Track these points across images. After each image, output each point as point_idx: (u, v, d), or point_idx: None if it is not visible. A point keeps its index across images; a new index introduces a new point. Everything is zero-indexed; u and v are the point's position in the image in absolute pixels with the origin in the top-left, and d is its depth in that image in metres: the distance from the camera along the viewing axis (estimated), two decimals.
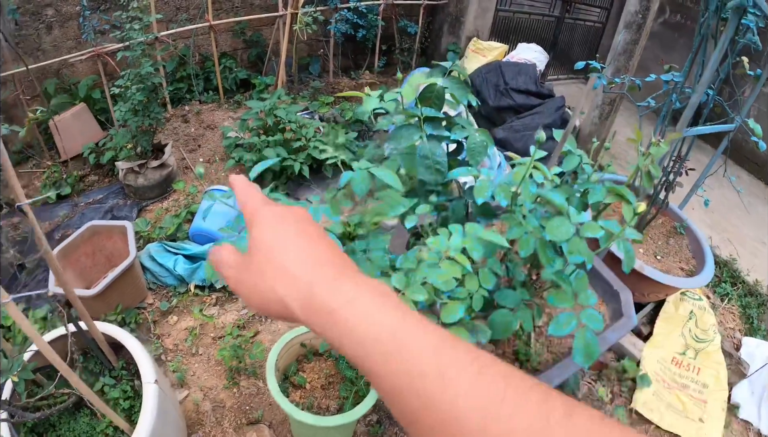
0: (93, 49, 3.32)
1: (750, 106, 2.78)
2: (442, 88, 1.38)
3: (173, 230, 2.95)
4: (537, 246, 1.23)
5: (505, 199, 1.24)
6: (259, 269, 0.43)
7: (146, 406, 1.54)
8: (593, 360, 1.20)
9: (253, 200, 0.48)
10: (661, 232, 3.05)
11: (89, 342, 1.75)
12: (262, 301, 0.43)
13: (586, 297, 1.27)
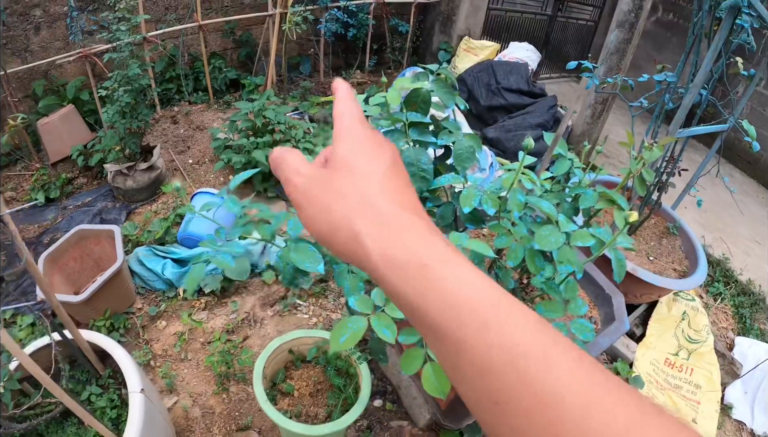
0: (81, 51, 3.28)
1: (743, 106, 2.78)
2: (428, 92, 1.35)
3: (161, 234, 2.92)
4: (526, 255, 1.21)
5: (492, 207, 1.22)
6: (339, 190, 0.38)
7: (132, 416, 1.53)
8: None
9: (351, 113, 0.42)
10: (654, 233, 3.04)
11: (75, 351, 1.72)
12: (330, 228, 0.37)
13: (576, 306, 1.25)
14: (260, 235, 1.17)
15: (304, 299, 2.77)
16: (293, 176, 0.40)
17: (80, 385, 1.76)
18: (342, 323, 0.85)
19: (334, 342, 0.82)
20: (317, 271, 1.13)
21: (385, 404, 2.36)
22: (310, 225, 0.39)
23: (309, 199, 0.39)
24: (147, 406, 1.59)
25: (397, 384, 2.38)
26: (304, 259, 1.09)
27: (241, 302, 2.72)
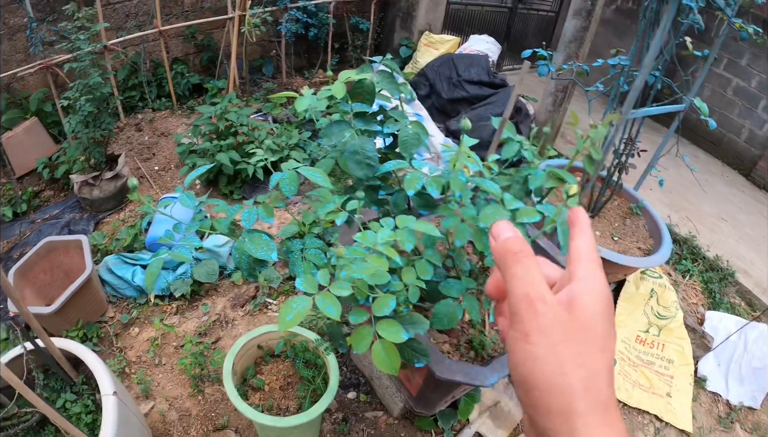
0: (42, 62, 3.26)
1: (699, 86, 2.89)
2: (371, 83, 1.40)
3: (129, 241, 2.93)
4: (473, 235, 1.27)
5: (436, 189, 1.28)
6: (579, 353, 0.36)
7: (106, 418, 1.56)
8: None
9: (591, 254, 0.41)
10: (618, 214, 3.13)
11: (48, 359, 1.74)
12: (549, 382, 0.36)
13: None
14: (218, 229, 1.22)
15: (274, 297, 2.81)
16: (537, 300, 0.38)
17: (55, 393, 1.78)
18: (287, 304, 0.90)
19: (281, 322, 0.88)
20: (271, 259, 1.19)
21: (359, 396, 2.42)
22: (528, 358, 0.37)
23: (545, 336, 0.37)
24: (120, 408, 1.62)
25: (369, 375, 2.44)
26: (258, 248, 1.15)
27: (211, 304, 2.75)
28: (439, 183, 1.27)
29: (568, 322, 0.37)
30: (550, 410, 0.35)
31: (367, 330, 1.05)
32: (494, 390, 2.54)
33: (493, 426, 2.43)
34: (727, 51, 4.98)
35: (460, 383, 1.60)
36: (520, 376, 0.37)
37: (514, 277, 0.40)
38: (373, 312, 1.04)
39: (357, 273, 0.98)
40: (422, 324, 1.19)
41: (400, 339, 1.01)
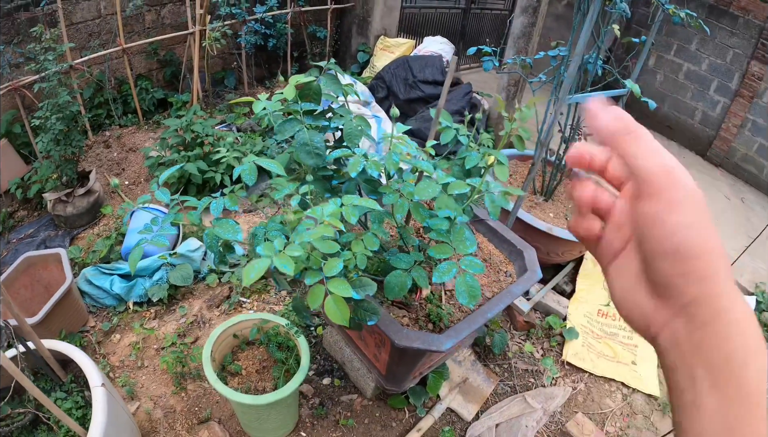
0: (9, 84, 3.34)
1: (639, 71, 3.08)
2: (317, 85, 1.60)
3: (105, 252, 3.05)
4: (411, 208, 1.46)
5: (376, 170, 1.47)
6: (705, 209, 0.37)
7: (96, 408, 1.68)
8: (477, 299, 1.44)
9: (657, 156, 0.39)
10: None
11: (39, 361, 1.86)
12: (699, 245, 0.36)
13: (464, 246, 1.50)
14: (190, 220, 1.38)
15: (247, 296, 2.95)
16: (676, 168, 0.38)
17: (46, 393, 1.89)
18: (250, 264, 1.07)
19: (245, 277, 1.05)
20: (237, 239, 1.36)
21: (333, 381, 2.58)
22: (681, 226, 0.37)
23: (692, 202, 0.37)
24: (109, 399, 1.75)
25: (342, 360, 2.60)
26: (226, 231, 1.33)
27: (188, 306, 2.88)
28: (378, 165, 1.46)
29: (700, 199, 0.38)
30: (704, 276, 0.36)
31: (320, 288, 1.22)
32: (462, 367, 2.72)
33: (464, 401, 2.60)
34: (676, 37, 5.26)
35: (419, 349, 1.77)
36: (673, 246, 0.37)
37: (641, 151, 0.39)
38: (325, 274, 1.22)
39: (307, 237, 1.16)
40: (371, 286, 1.37)
41: (348, 293, 1.19)
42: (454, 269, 1.46)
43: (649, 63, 5.50)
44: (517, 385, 2.73)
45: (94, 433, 1.62)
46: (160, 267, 2.94)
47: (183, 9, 4.39)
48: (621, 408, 2.72)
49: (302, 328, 2.76)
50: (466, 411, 2.56)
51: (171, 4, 4.41)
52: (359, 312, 1.42)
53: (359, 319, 1.41)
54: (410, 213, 1.61)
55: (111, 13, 4.01)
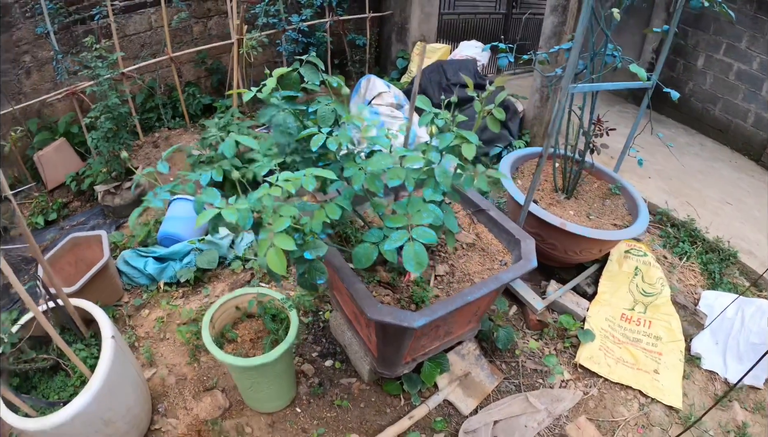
0: (67, 89, 3.75)
1: (663, 62, 3.00)
2: (296, 75, 1.75)
3: (143, 237, 3.33)
4: (367, 179, 1.56)
5: (334, 144, 1.59)
6: None
7: (104, 355, 1.90)
8: (423, 267, 1.51)
9: None
10: (597, 195, 3.24)
11: (66, 318, 2.09)
12: None
13: (419, 217, 1.58)
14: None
15: (266, 281, 3.12)
16: None
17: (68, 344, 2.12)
18: (203, 213, 1.23)
19: (198, 222, 1.21)
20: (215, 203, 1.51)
21: (335, 363, 2.68)
22: None
23: None
24: (117, 351, 1.95)
25: (344, 343, 2.69)
26: (209, 197, 1.53)
27: (212, 288, 3.09)
28: (336, 140, 1.57)
29: None
30: None
31: (266, 241, 1.35)
32: (465, 360, 2.73)
33: (463, 395, 2.60)
34: (724, 36, 5.00)
35: (390, 324, 1.84)
36: None
37: None
38: (272, 230, 1.34)
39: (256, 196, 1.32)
40: (322, 248, 1.48)
41: (290, 247, 1.31)
42: (405, 237, 1.54)
43: (698, 64, 5.25)
44: (522, 385, 2.69)
45: (98, 375, 1.83)
46: (190, 252, 3.17)
47: (227, 21, 4.72)
48: (636, 418, 2.56)
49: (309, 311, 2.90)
50: (464, 405, 2.55)
51: (217, 16, 4.76)
52: (311, 273, 1.53)
53: (311, 278, 1.52)
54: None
55: (161, 25, 4.39)
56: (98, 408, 1.85)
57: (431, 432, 2.43)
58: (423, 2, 5.33)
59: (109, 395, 1.89)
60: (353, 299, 2.03)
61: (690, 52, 5.30)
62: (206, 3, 4.70)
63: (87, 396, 1.80)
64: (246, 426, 2.36)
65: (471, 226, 2.52)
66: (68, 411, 1.76)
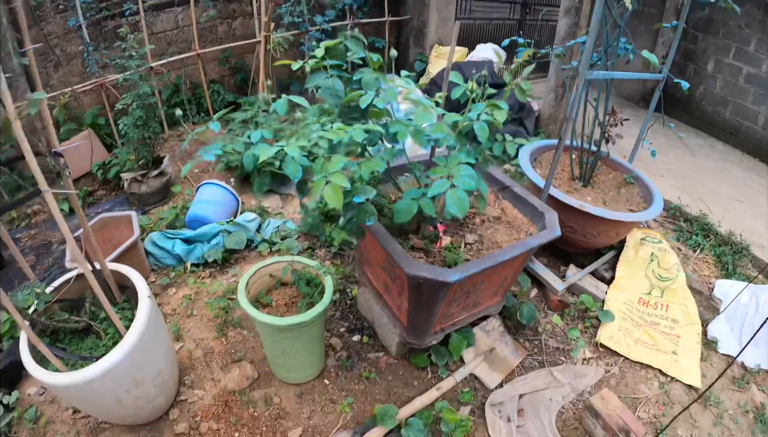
0: (97, 80, 3.86)
1: (672, 56, 3.08)
2: (342, 45, 1.88)
3: (171, 219, 3.41)
4: (412, 133, 1.63)
5: (382, 103, 1.66)
6: None
7: (140, 312, 1.94)
8: (465, 211, 1.58)
9: None
10: (612, 185, 3.32)
11: (101, 282, 2.14)
12: None
13: (458, 170, 1.65)
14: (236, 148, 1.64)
15: None
16: None
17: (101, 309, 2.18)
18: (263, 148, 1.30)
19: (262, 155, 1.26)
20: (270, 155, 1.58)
21: (362, 338, 2.72)
22: None
23: None
24: (152, 310, 1.99)
25: (372, 319, 2.73)
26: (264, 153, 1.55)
27: (239, 269, 3.14)
28: (383, 99, 1.66)
29: None
30: None
31: (322, 180, 1.41)
32: (490, 336, 2.77)
33: (488, 370, 2.64)
34: (733, 39, 5.08)
35: (427, 280, 1.89)
36: None
37: None
38: (328, 170, 1.41)
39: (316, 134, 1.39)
40: (371, 191, 1.55)
41: (345, 184, 1.37)
42: (447, 185, 1.60)
43: (708, 68, 5.35)
44: (546, 361, 2.73)
45: (134, 331, 1.86)
46: (218, 234, 3.23)
47: (252, 22, 4.87)
48: (657, 396, 2.60)
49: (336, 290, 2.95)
50: (490, 379, 2.59)
51: (241, 17, 4.91)
52: (360, 215, 1.59)
53: (360, 220, 1.58)
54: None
55: (188, 24, 4.53)
56: (131, 364, 1.86)
57: (458, 405, 2.45)
58: (440, 7, 5.48)
59: (142, 353, 1.91)
60: (389, 261, 2.09)
61: (700, 57, 5.40)
62: (231, 4, 4.85)
63: (122, 350, 1.81)
64: (274, 396, 2.39)
65: (496, 202, 2.59)
66: (101, 365, 1.76)
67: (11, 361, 2.35)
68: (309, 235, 3.42)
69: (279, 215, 3.71)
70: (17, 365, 2.10)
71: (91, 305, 2.15)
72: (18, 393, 2.35)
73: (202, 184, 3.56)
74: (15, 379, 2.42)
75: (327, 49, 1.93)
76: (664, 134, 4.99)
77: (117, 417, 2.05)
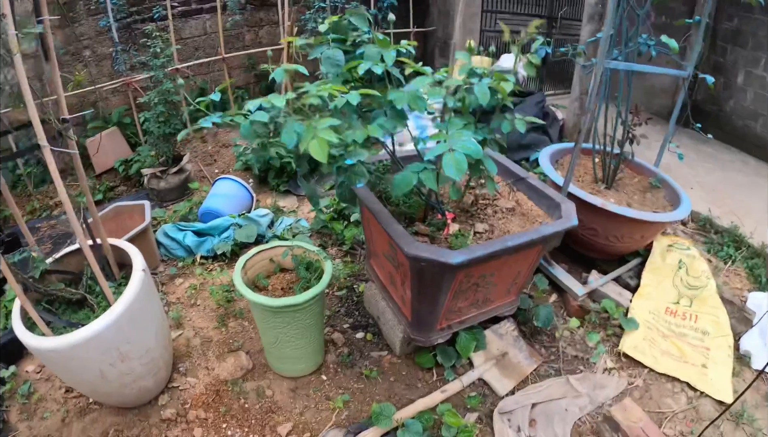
0: (125, 79, 3.95)
1: (698, 54, 2.95)
2: (346, 21, 1.86)
3: (185, 212, 3.40)
4: (409, 98, 1.57)
5: (379, 69, 1.63)
6: None
7: (131, 284, 1.89)
8: (462, 172, 1.49)
9: None
10: (638, 189, 3.17)
11: (101, 259, 2.11)
12: None
13: (459, 135, 1.56)
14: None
15: None
16: None
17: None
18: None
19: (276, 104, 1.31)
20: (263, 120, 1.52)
21: (366, 336, 2.60)
22: None
23: None
24: (144, 284, 1.94)
25: (377, 315, 2.62)
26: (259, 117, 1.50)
27: None
28: (382, 66, 1.61)
29: None
30: None
31: (310, 133, 1.35)
32: (503, 340, 2.61)
33: (499, 375, 2.47)
34: (763, 50, 4.87)
35: (428, 262, 1.78)
36: None
37: None
38: (317, 126, 1.35)
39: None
40: (363, 154, 1.47)
41: (332, 139, 1.30)
42: (445, 147, 1.51)
43: (738, 81, 5.10)
44: (563, 370, 2.54)
45: (122, 301, 1.82)
46: (229, 228, 3.20)
47: (278, 30, 4.94)
48: (684, 412, 2.39)
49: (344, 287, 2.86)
50: (501, 385, 2.41)
51: (268, 26, 5.00)
52: (351, 176, 1.51)
53: (350, 183, 1.50)
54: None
55: (215, 31, 4.63)
56: (116, 335, 1.80)
57: (464, 410, 2.29)
58: (465, 19, 5.45)
59: (129, 325, 1.85)
60: (392, 245, 1.99)
61: (730, 69, 5.18)
62: (258, 13, 4.94)
63: (108, 318, 1.76)
64: (267, 389, 2.29)
65: (511, 194, 2.47)
66: (85, 332, 1.72)
67: (12, 338, 2.32)
68: (321, 233, 3.35)
69: (293, 213, 3.66)
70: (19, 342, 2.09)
71: (89, 279, 2.12)
72: (15, 369, 2.33)
73: (218, 179, 3.57)
74: (15, 355, 2.41)
75: (331, 25, 1.90)
76: (694, 149, 4.79)
77: (102, 394, 1.98)
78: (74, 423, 2.11)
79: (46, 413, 2.14)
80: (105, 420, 2.11)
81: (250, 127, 1.64)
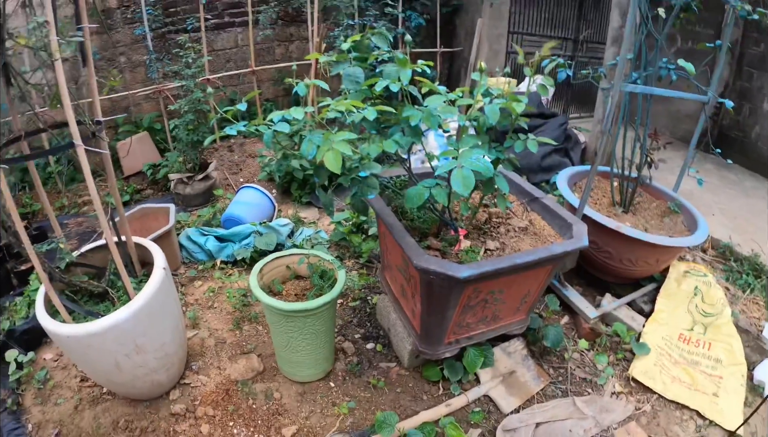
0: (157, 86, 4.12)
1: (719, 77, 2.94)
2: (368, 40, 1.92)
3: (209, 217, 3.51)
4: (423, 118, 1.64)
5: (395, 87, 1.68)
6: None
7: (151, 280, 1.98)
8: (469, 188, 1.53)
9: None
10: (656, 213, 3.17)
11: (125, 256, 2.21)
12: None
13: (469, 153, 1.62)
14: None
15: None
16: None
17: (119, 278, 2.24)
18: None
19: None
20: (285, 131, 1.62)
21: (376, 346, 2.64)
22: None
23: None
24: (164, 281, 2.02)
25: (388, 326, 2.66)
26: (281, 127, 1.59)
27: None
28: (395, 81, 1.69)
29: None
30: None
31: (327, 145, 1.42)
32: (511, 358, 2.62)
33: (506, 393, 2.47)
34: None
35: (436, 275, 1.83)
36: None
37: None
38: (334, 139, 1.42)
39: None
40: (376, 167, 1.53)
41: (347, 151, 1.37)
42: (454, 163, 1.57)
43: (764, 106, 5.02)
44: (570, 391, 2.54)
45: (142, 295, 1.90)
46: (250, 235, 3.29)
47: (307, 46, 5.08)
48: None
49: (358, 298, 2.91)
50: (506, 403, 2.42)
51: (298, 41, 5.14)
52: (364, 188, 1.57)
53: (363, 194, 1.57)
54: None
55: (246, 44, 4.78)
56: (134, 327, 1.88)
57: (467, 426, 2.30)
58: (492, 40, 5.53)
59: (147, 319, 1.93)
60: (404, 258, 2.04)
61: (755, 95, 5.11)
62: (289, 28, 5.10)
63: (128, 311, 1.84)
64: (275, 392, 2.35)
65: (524, 214, 2.50)
66: (104, 322, 1.80)
67: (33, 326, 2.44)
68: (340, 245, 3.42)
69: (313, 225, 3.74)
70: (38, 330, 2.20)
71: (112, 274, 2.21)
72: (34, 355, 2.43)
73: (242, 187, 3.68)
74: (35, 342, 2.52)
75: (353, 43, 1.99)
76: (717, 175, 4.74)
77: (115, 383, 2.06)
78: (86, 411, 2.19)
79: (60, 399, 2.24)
80: (116, 410, 2.19)
81: (273, 137, 1.72)
